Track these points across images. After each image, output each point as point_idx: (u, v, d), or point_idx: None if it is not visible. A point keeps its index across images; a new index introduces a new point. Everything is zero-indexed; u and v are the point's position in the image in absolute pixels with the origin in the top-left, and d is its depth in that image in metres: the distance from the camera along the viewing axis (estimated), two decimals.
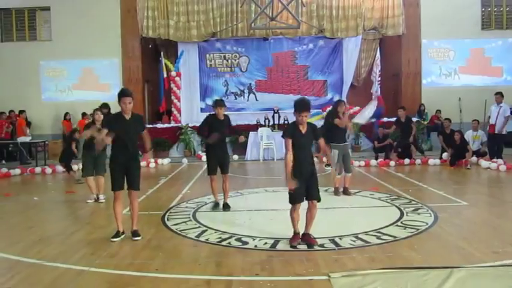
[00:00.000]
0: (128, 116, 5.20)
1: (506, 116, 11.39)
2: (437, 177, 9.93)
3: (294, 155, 4.72)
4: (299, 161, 4.71)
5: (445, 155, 11.83)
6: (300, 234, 4.87)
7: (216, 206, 6.81)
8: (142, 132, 5.39)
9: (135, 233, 5.28)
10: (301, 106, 4.72)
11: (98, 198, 7.62)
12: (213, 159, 6.68)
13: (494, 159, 11.01)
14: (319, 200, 4.84)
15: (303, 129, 4.78)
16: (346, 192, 7.64)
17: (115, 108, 5.83)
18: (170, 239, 5.23)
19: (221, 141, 6.68)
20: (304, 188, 4.75)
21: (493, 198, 7.57)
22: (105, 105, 8.21)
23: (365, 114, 14.75)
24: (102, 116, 7.52)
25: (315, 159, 5.10)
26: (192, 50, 17.14)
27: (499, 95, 11.62)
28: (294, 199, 4.76)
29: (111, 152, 5.28)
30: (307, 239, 4.84)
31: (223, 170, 6.71)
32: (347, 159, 7.68)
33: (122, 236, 5.25)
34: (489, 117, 11.75)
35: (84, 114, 14.93)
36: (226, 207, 6.71)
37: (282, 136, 4.87)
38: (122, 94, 5.17)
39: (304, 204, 4.83)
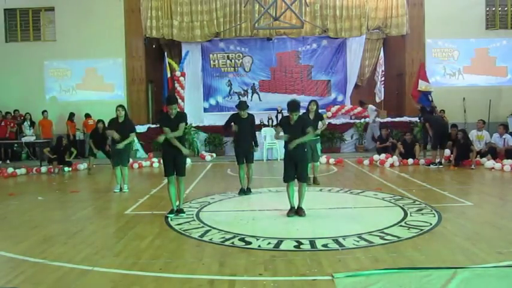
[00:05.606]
0: (172, 116, 6.20)
1: None
2: (441, 178, 9.89)
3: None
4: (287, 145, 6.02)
5: (447, 152, 11.75)
6: (296, 207, 6.07)
7: (242, 191, 7.86)
8: (180, 124, 6.14)
9: (179, 211, 6.30)
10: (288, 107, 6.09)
11: (121, 188, 8.41)
12: (240, 152, 7.86)
13: (499, 160, 10.97)
14: (304, 181, 6.11)
15: (291, 121, 6.07)
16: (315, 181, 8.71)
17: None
18: (174, 239, 5.24)
19: (248, 135, 7.78)
20: (294, 171, 6.03)
21: (497, 199, 7.53)
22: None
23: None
24: (123, 113, 8.41)
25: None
26: (196, 50, 17.17)
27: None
28: (284, 179, 6.12)
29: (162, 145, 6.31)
30: (298, 210, 6.07)
31: (247, 159, 7.88)
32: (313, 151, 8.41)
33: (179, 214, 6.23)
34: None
35: (87, 115, 15.08)
36: (248, 191, 7.88)
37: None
38: (168, 102, 6.21)
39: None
